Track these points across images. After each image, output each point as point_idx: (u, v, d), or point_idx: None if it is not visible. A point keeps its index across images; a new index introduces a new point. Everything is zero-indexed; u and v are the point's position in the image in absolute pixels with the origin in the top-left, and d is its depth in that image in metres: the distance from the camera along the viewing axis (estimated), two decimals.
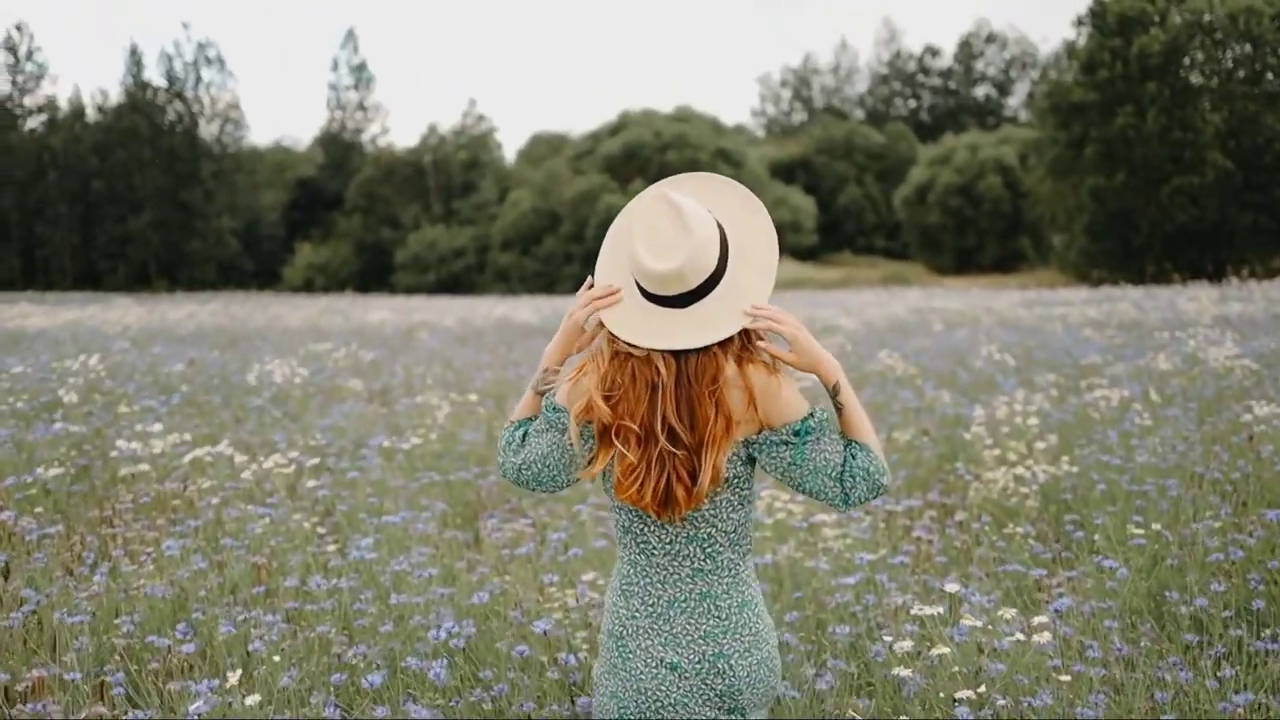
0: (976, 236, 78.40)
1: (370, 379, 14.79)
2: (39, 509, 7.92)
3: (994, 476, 8.14)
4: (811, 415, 3.18)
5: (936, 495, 8.36)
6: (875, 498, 3.25)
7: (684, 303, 3.10)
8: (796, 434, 3.14)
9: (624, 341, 3.13)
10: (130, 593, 5.78)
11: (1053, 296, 36.23)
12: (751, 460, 3.25)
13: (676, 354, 3.10)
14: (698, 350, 3.10)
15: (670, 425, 3.10)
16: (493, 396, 13.06)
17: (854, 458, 3.17)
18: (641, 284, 3.13)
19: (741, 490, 3.24)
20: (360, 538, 6.70)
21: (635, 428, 3.12)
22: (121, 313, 29.60)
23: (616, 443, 3.15)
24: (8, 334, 22.41)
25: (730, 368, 3.12)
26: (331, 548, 6.52)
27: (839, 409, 3.23)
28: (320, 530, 7.04)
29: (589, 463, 3.26)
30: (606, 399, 3.15)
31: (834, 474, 3.16)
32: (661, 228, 3.06)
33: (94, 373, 11.90)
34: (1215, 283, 39.27)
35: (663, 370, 3.10)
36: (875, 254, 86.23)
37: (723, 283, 3.13)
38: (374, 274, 79.06)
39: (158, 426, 8.83)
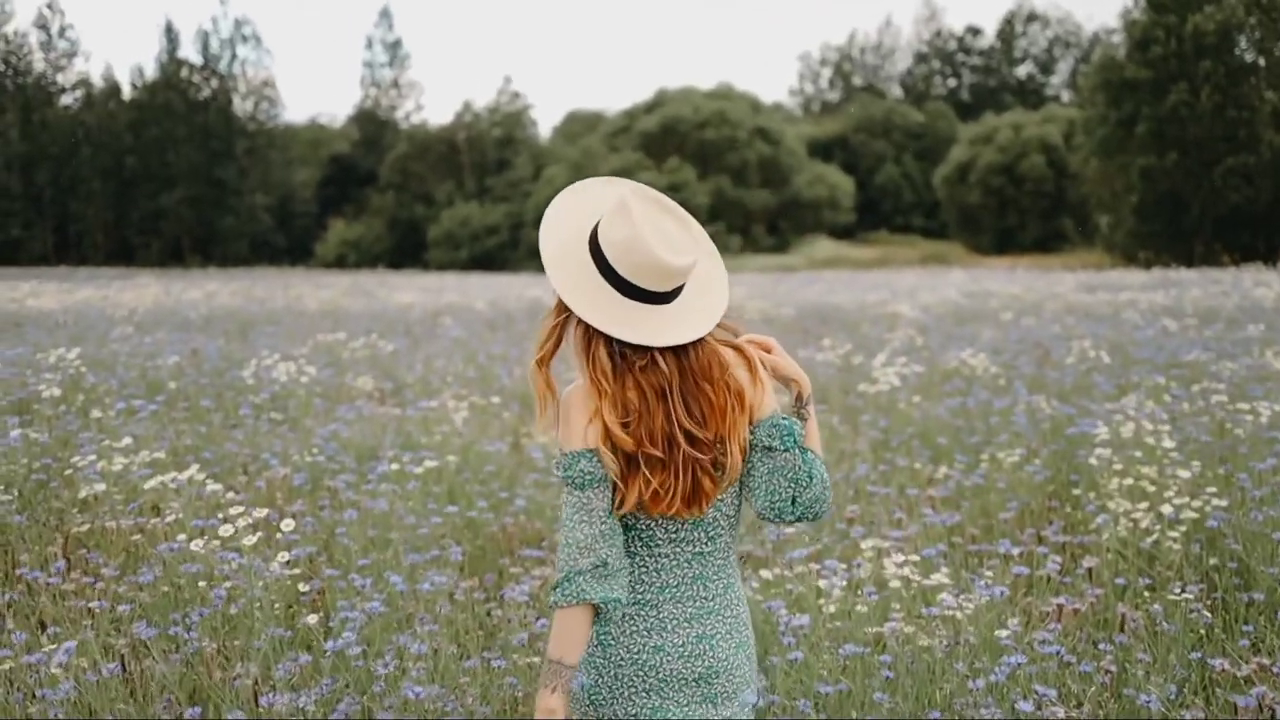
0: (1018, 216, 76.79)
1: (385, 375, 13.30)
2: None
3: (1124, 508, 6.67)
4: (788, 419, 3.17)
5: (1054, 532, 6.92)
6: (815, 514, 3.19)
7: (669, 298, 3.10)
8: (784, 436, 3.13)
9: (631, 345, 3.06)
10: (30, 700, 4.38)
11: (1109, 279, 34.62)
12: None
13: (678, 354, 3.09)
14: (698, 345, 3.11)
15: (687, 429, 3.07)
16: (518, 399, 11.59)
17: (811, 464, 3.16)
18: (639, 283, 3.06)
19: (742, 477, 3.22)
20: (349, 605, 5.30)
21: (659, 452, 3.06)
22: (136, 293, 28.18)
23: (644, 469, 3.06)
24: (7, 316, 21.01)
25: (728, 352, 3.16)
26: (313, 620, 5.11)
27: (804, 419, 3.25)
28: (303, 589, 5.61)
29: (619, 502, 3.10)
30: (624, 426, 3.06)
31: (790, 478, 3.14)
32: (668, 227, 3.08)
33: (72, 367, 10.50)
34: (1269, 265, 37.98)
35: (667, 370, 3.07)
36: (913, 233, 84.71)
37: (692, 274, 3.16)
38: (407, 251, 77.95)
39: (126, 440, 7.43)
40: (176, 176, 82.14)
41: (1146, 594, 5.75)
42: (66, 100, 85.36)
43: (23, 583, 6.01)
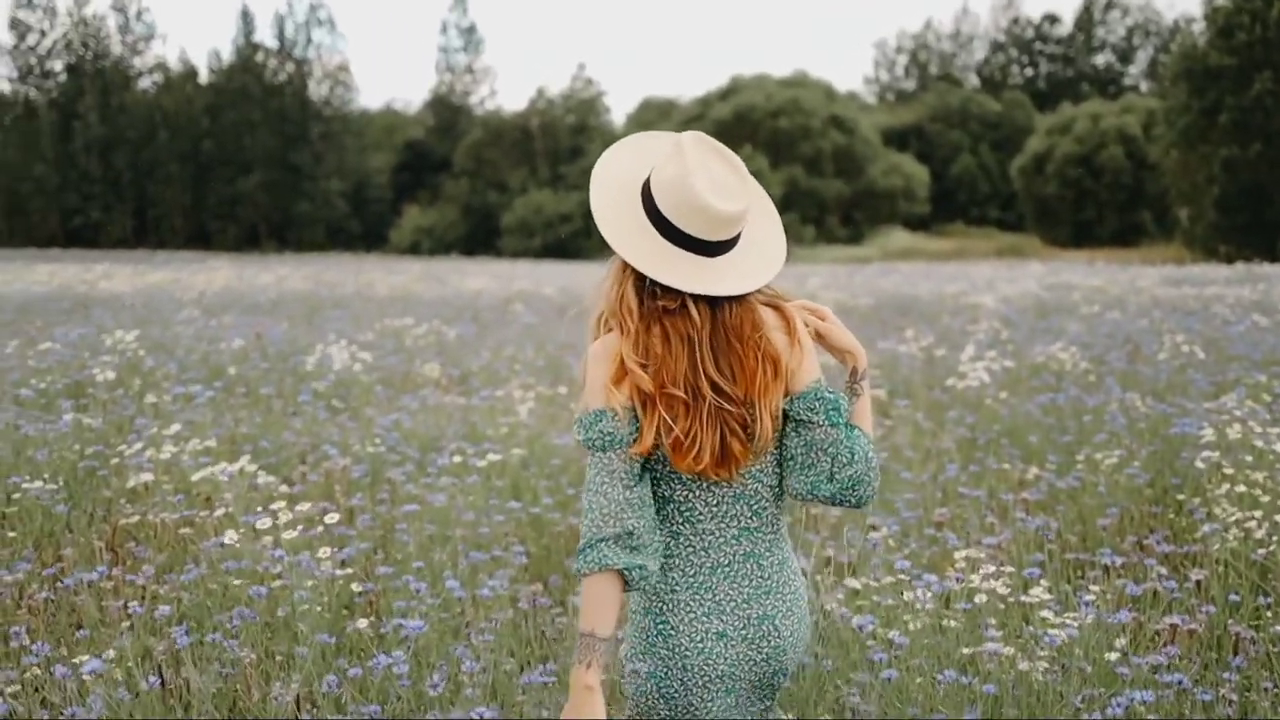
0: (1095, 209, 75.50)
1: (452, 362, 12.91)
2: (12, 533, 6.26)
3: (1234, 516, 6.18)
4: (834, 393, 3.05)
5: (1158, 541, 6.46)
6: (857, 496, 3.06)
7: (717, 250, 2.99)
8: (828, 411, 3.01)
9: (664, 287, 2.97)
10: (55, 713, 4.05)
11: (1191, 274, 33.80)
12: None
13: (712, 306, 2.98)
14: (733, 301, 2.99)
15: (713, 380, 2.96)
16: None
17: (854, 441, 3.04)
18: (683, 227, 2.97)
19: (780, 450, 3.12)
20: (404, 606, 4.94)
21: (681, 394, 2.94)
22: (207, 277, 28.05)
23: (663, 413, 2.94)
24: (77, 298, 20.93)
25: (768, 313, 3.04)
26: (364, 624, 4.76)
27: (856, 395, 3.16)
28: (356, 589, 5.27)
29: (635, 440, 2.96)
30: (642, 366, 2.95)
31: (829, 453, 3.02)
32: (718, 171, 2.98)
33: (130, 350, 10.23)
34: None
35: (698, 320, 2.97)
36: (989, 225, 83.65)
37: (747, 229, 3.07)
38: (480, 237, 77.74)
39: (176, 427, 7.12)
40: (252, 161, 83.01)
41: (1268, 614, 5.28)
42: (144, 84, 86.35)
43: (56, 582, 5.66)
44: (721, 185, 2.96)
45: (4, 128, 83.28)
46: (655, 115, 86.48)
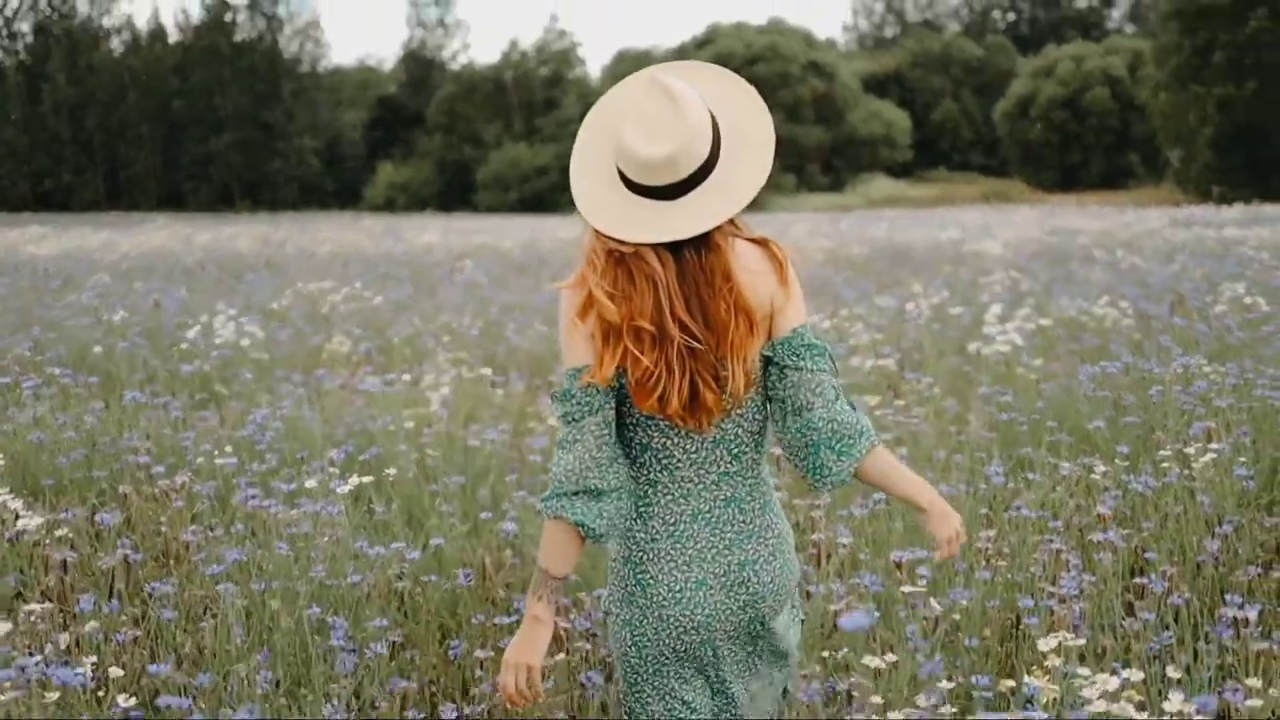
0: (1081, 152, 75.48)
1: (373, 334, 10.82)
2: None
3: None
4: (821, 342, 2.93)
5: None
6: (846, 466, 2.89)
7: (674, 194, 2.84)
8: (814, 356, 2.89)
9: (608, 236, 2.86)
10: None
11: (1194, 215, 32.18)
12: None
13: (674, 252, 2.83)
14: (699, 246, 2.84)
15: (683, 321, 2.82)
16: (524, 367, 9.01)
17: (852, 408, 2.94)
18: (628, 174, 2.86)
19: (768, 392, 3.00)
20: None
21: (649, 326, 2.81)
22: (143, 239, 26.04)
23: (628, 342, 2.82)
24: None
25: (746, 249, 2.88)
26: None
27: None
28: (124, 703, 3.40)
29: (596, 369, 2.87)
30: (610, 297, 2.83)
31: (814, 390, 2.89)
32: (653, 112, 2.85)
33: None
34: None
35: (658, 265, 2.82)
36: (972, 170, 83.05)
37: (716, 170, 2.88)
38: (456, 193, 76.92)
39: None
40: (223, 120, 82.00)
41: None
42: (112, 44, 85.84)
43: None
44: (653, 128, 2.82)
45: None
46: (631, 66, 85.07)
